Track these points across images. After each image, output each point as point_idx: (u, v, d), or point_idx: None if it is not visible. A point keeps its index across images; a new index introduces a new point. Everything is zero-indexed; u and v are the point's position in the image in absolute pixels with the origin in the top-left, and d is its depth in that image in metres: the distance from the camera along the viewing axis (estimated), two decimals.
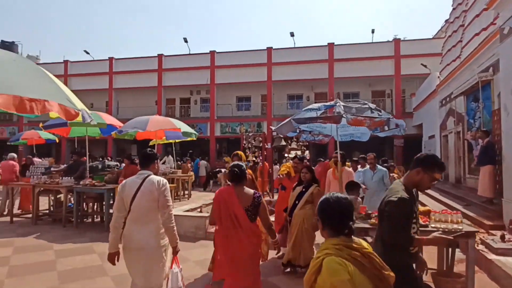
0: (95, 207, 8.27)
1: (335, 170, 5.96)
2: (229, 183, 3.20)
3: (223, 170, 16.86)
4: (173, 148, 13.94)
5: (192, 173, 14.56)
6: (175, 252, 2.98)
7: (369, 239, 3.37)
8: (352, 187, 4.64)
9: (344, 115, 4.43)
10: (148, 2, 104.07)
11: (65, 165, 15.40)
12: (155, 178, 2.96)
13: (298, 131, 5.71)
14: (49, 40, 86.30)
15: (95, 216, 8.15)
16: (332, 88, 21.45)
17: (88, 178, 7.74)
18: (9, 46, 29.99)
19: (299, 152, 9.90)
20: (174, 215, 3.09)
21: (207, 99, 25.04)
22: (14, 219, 8.06)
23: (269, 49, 22.26)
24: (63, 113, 2.70)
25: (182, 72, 23.62)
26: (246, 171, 3.22)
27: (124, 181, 3.05)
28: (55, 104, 2.58)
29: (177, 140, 13.15)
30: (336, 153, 5.76)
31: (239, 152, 4.55)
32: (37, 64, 25.15)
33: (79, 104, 3.07)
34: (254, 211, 3.05)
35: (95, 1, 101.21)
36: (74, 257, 5.36)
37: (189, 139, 11.22)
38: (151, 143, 14.67)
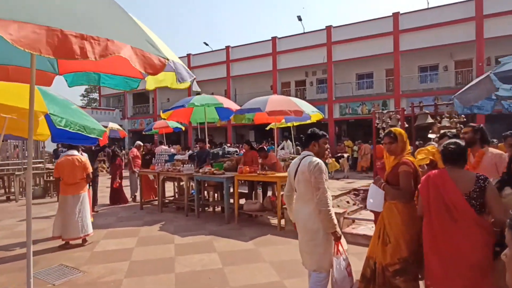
0: (216, 196, 7.83)
1: None
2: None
3: (345, 155, 15.18)
4: (291, 132, 12.95)
5: None
6: (336, 238, 2.76)
7: None
8: None
9: None
10: None
11: (189, 152, 16.20)
12: (308, 159, 2.87)
13: (494, 96, 3.77)
14: (176, 38, 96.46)
15: (215, 206, 7.71)
16: (481, 52, 17.14)
17: (208, 165, 7.27)
18: None
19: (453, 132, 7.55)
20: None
21: (323, 79, 23.38)
22: (144, 205, 8.26)
23: (396, 14, 19.11)
24: (140, 62, 1.71)
25: (297, 53, 22.46)
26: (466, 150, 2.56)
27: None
28: (126, 47, 1.63)
29: (295, 123, 12.13)
30: None
31: (397, 129, 3.04)
32: None
33: (169, 54, 2.06)
34: (479, 198, 2.32)
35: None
36: (193, 255, 4.76)
37: (308, 121, 10.02)
38: (269, 127, 14.12)
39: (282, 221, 5.89)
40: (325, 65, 21.87)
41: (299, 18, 22.35)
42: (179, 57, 22.88)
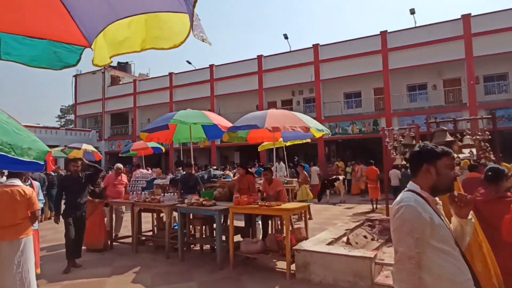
0: (204, 230, 6.49)
1: None
2: None
3: (340, 177, 14.12)
4: (284, 152, 11.85)
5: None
6: None
7: None
8: None
9: None
10: (241, 5, 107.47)
11: (170, 176, 14.74)
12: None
13: None
14: (158, 57, 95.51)
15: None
16: (471, 70, 16.83)
17: (195, 195, 5.97)
18: (124, 66, 32.67)
19: (474, 151, 6.63)
20: (311, 251, 2.75)
21: (310, 98, 22.68)
22: (115, 243, 6.79)
23: (383, 33, 18.78)
24: None
25: (283, 72, 21.76)
26: None
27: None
28: None
29: (288, 143, 11.09)
30: None
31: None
32: (147, 79, 26.23)
33: None
34: None
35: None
36: None
37: (303, 141, 8.96)
38: (261, 147, 12.92)
39: (293, 266, 4.62)
40: (312, 84, 21.23)
41: (286, 37, 21.81)
42: (161, 76, 21.78)
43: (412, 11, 19.02)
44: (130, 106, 27.65)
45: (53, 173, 12.44)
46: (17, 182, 3.91)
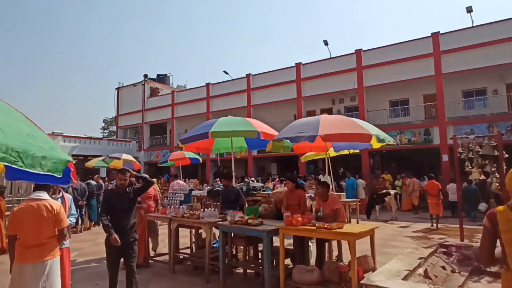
0: (248, 251, 5.77)
1: None
2: None
3: (391, 192, 12.88)
4: (329, 164, 10.91)
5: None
6: None
7: None
8: None
9: None
10: (278, 14, 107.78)
11: (208, 187, 14.27)
12: None
13: None
14: (195, 69, 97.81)
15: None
16: None
17: (239, 211, 5.28)
18: (163, 78, 33.32)
19: None
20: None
21: (352, 107, 21.55)
22: (151, 261, 6.25)
23: (435, 34, 17.38)
24: None
25: (323, 80, 20.87)
26: None
27: None
28: None
29: (333, 153, 10.21)
30: None
31: None
32: (184, 90, 26.39)
33: None
34: None
35: (231, 26, 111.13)
36: None
37: (350, 152, 8.07)
38: (304, 158, 12.02)
39: None
40: (353, 91, 20.15)
41: (326, 43, 20.95)
42: (198, 87, 21.55)
43: (469, 9, 17.48)
44: (168, 117, 27.94)
45: (93, 182, 12.41)
46: (44, 195, 3.43)
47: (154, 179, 6.95)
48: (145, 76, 29.41)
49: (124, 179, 4.23)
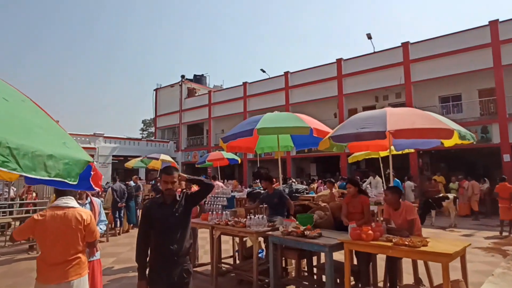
0: (302, 265, 5.07)
1: None
2: None
3: (450, 196, 11.57)
4: (381, 163, 9.94)
5: None
6: None
7: None
8: None
9: None
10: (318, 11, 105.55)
11: (247, 189, 13.68)
12: None
13: None
14: (231, 69, 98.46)
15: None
16: None
17: (292, 219, 4.60)
18: (199, 78, 33.41)
19: None
20: None
21: (397, 104, 20.11)
22: (195, 269, 5.73)
23: (494, 22, 15.70)
24: None
25: (366, 76, 19.68)
26: None
27: None
28: None
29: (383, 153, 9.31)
30: None
31: None
32: (221, 90, 26.16)
33: None
34: None
35: (267, 23, 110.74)
36: None
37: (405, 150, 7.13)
38: (352, 158, 11.04)
39: None
40: (399, 87, 18.81)
41: (369, 36, 19.72)
42: (235, 86, 21.17)
43: None
44: (205, 117, 27.86)
45: (132, 183, 12.28)
46: (72, 203, 2.94)
47: None
48: (182, 76, 29.58)
49: (171, 182, 2.85)
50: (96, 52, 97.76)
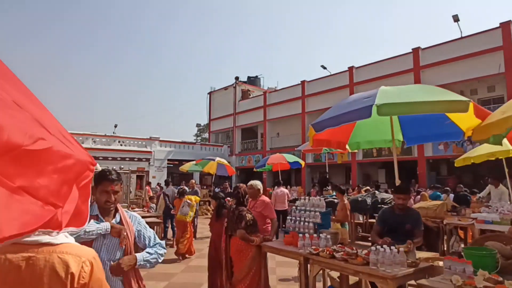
0: None
1: None
2: None
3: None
4: (505, 168, 7.43)
5: None
6: None
7: None
8: None
9: None
10: None
11: (317, 197, 11.69)
12: None
13: None
14: (286, 69, 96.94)
15: None
16: None
17: (388, 239, 2.63)
18: (253, 80, 32.13)
19: None
20: None
21: (491, 99, 16.96)
22: None
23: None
24: None
25: (451, 65, 16.83)
26: None
27: None
28: None
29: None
30: None
31: None
32: (277, 90, 24.38)
33: None
34: None
35: (325, 21, 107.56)
36: None
37: None
38: (460, 161, 8.59)
39: None
40: (495, 78, 15.67)
41: (456, 18, 16.71)
42: (292, 86, 19.04)
43: None
44: (260, 120, 26.34)
45: (186, 188, 10.98)
46: (52, 234, 1.28)
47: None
48: (236, 78, 28.47)
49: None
50: (159, 60, 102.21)
